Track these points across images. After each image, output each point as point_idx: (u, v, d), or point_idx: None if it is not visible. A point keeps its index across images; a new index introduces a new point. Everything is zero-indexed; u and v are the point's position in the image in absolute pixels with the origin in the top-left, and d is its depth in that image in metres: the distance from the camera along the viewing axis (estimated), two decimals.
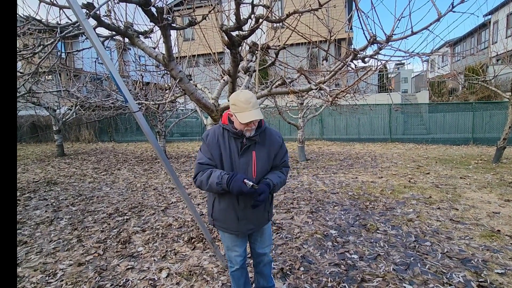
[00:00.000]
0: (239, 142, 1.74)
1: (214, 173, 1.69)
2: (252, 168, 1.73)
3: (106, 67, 2.04)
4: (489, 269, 2.56)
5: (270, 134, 1.81)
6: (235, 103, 1.65)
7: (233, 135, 1.73)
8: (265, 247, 2.01)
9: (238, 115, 1.63)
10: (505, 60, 7.34)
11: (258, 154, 1.75)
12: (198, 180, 1.75)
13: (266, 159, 1.78)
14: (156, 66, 4.67)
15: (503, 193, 4.69)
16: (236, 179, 1.62)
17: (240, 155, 1.73)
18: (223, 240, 1.96)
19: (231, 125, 1.74)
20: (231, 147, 1.74)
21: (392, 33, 2.24)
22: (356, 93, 6.84)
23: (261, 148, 1.76)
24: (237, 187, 1.60)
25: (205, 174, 1.72)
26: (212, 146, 1.74)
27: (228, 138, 1.75)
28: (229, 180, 1.62)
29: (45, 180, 6.67)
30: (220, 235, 1.98)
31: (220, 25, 2.30)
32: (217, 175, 1.66)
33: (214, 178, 1.66)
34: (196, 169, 1.79)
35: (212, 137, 1.76)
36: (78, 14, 1.87)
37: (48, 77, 10.26)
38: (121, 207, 4.58)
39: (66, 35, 2.41)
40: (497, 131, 10.34)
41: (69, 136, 15.43)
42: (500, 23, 17.37)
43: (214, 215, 1.88)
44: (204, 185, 1.72)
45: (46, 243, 3.38)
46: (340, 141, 12.75)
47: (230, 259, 1.96)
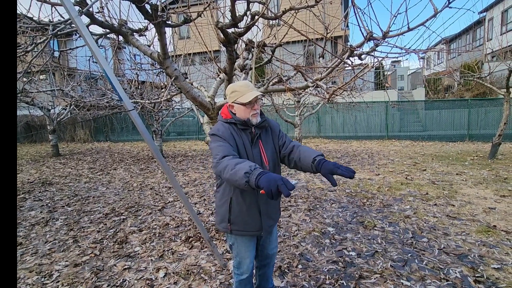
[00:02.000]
0: (248, 133, 1.71)
1: (245, 163, 1.40)
2: (264, 158, 1.72)
3: (99, 65, 2.01)
4: (486, 264, 2.57)
5: (269, 123, 1.82)
6: (235, 89, 1.65)
7: (241, 126, 1.68)
8: (274, 247, 1.97)
9: (242, 98, 1.63)
10: (500, 57, 7.37)
11: (265, 143, 1.75)
12: (224, 162, 1.45)
13: (272, 146, 1.78)
14: (152, 64, 4.63)
15: (499, 189, 4.72)
16: (269, 174, 1.35)
17: (253, 145, 1.70)
18: (237, 248, 1.81)
19: (236, 117, 1.69)
20: (243, 139, 1.69)
21: (388, 29, 2.23)
22: (353, 90, 6.85)
23: (265, 137, 1.77)
24: (272, 179, 1.29)
25: (234, 159, 1.46)
26: (228, 138, 1.62)
27: (235, 132, 1.68)
28: (262, 173, 1.33)
29: (40, 180, 6.60)
30: (235, 243, 1.81)
31: (215, 22, 2.28)
32: (250, 165, 1.37)
33: (244, 166, 1.37)
34: (220, 150, 1.53)
35: (224, 130, 1.65)
36: (70, 11, 1.83)
37: (42, 77, 10.14)
38: (117, 207, 4.54)
39: (58, 33, 2.37)
40: (492, 127, 10.43)
41: (64, 136, 15.30)
42: (495, 20, 17.49)
43: (232, 219, 1.72)
44: (229, 170, 1.41)
45: (42, 244, 3.34)
46: (337, 139, 12.78)
47: (241, 267, 1.83)
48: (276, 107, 7.19)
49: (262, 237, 1.90)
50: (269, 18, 2.38)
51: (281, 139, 1.81)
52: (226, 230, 1.78)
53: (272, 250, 1.97)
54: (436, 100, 13.69)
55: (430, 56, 19.53)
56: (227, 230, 1.77)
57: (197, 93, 2.65)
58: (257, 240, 1.93)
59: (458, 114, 11.39)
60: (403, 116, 12.63)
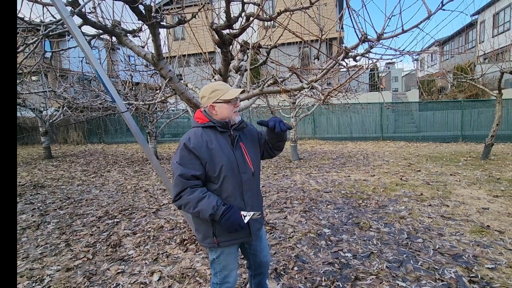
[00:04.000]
0: (227, 135, 1.63)
1: (208, 200, 1.48)
2: (247, 160, 1.65)
3: (92, 66, 1.98)
4: (480, 264, 2.59)
5: (246, 125, 1.77)
6: (216, 88, 1.60)
7: (220, 128, 1.61)
8: (267, 253, 1.90)
9: (226, 95, 1.59)
10: (492, 59, 7.48)
11: (246, 145, 1.69)
12: (184, 199, 1.49)
13: (254, 148, 1.74)
14: (146, 65, 4.59)
15: (492, 189, 4.77)
16: (233, 212, 1.49)
17: (234, 148, 1.63)
18: (224, 261, 1.69)
19: (214, 119, 1.62)
20: (222, 144, 1.59)
21: (383, 31, 2.24)
22: (348, 91, 6.88)
23: (245, 139, 1.72)
24: (234, 221, 1.48)
25: (194, 194, 1.48)
26: (200, 149, 1.53)
27: (214, 137, 1.59)
28: (225, 213, 1.47)
29: (31, 183, 6.49)
30: (221, 255, 1.68)
31: (210, 23, 2.26)
32: (212, 205, 1.46)
33: (207, 206, 1.46)
34: (178, 184, 1.49)
35: (196, 139, 1.55)
36: (61, 12, 1.80)
37: (34, 78, 9.99)
38: (111, 210, 4.48)
39: (50, 34, 2.33)
40: (485, 128, 10.57)
41: (57, 138, 15.10)
42: (486, 22, 17.77)
43: (217, 232, 1.59)
44: (191, 207, 1.49)
45: (33, 248, 3.27)
46: (333, 140, 12.83)
47: (227, 281, 1.71)
48: (271, 108, 7.19)
49: (252, 245, 1.81)
50: (264, 20, 2.37)
51: (260, 137, 1.81)
52: (212, 245, 1.63)
53: (265, 257, 1.88)
54: (429, 102, 13.84)
55: (423, 58, 19.77)
56: (214, 244, 1.62)
57: (192, 94, 2.63)
58: (248, 248, 1.84)
59: (452, 115, 11.52)
60: (398, 117, 12.73)
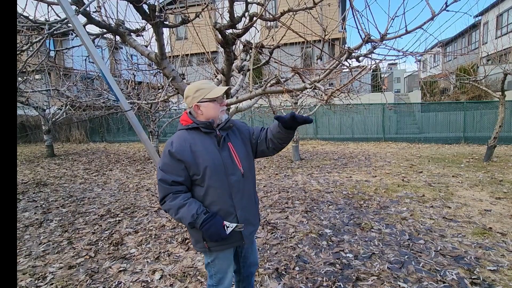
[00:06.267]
0: (213, 136, 1.57)
1: (188, 208, 1.46)
2: (236, 160, 1.58)
3: (96, 65, 1.99)
4: (482, 266, 2.58)
5: (234, 123, 1.70)
6: (200, 87, 1.54)
7: (205, 129, 1.55)
8: (256, 254, 1.87)
9: (211, 94, 1.53)
10: (495, 60, 7.45)
11: (235, 144, 1.62)
12: (166, 204, 1.50)
13: (244, 147, 1.66)
14: (149, 65, 4.60)
15: (494, 191, 4.76)
16: (214, 222, 1.45)
17: (220, 148, 1.56)
18: (218, 265, 1.65)
19: (198, 120, 1.57)
20: (207, 145, 1.53)
21: (386, 32, 2.24)
22: (350, 92, 6.87)
23: (234, 138, 1.64)
24: (214, 232, 1.45)
25: (175, 201, 1.47)
26: (183, 152, 1.48)
27: (198, 138, 1.54)
28: (205, 222, 1.44)
29: (34, 181, 6.53)
30: (216, 259, 1.65)
31: (213, 23, 2.27)
32: (192, 214, 1.44)
33: (187, 214, 1.45)
34: (160, 189, 1.51)
35: (179, 143, 1.50)
36: (66, 11, 1.82)
37: (37, 76, 10.04)
38: (113, 208, 4.50)
39: (54, 33, 2.35)
40: (487, 130, 10.52)
41: (59, 137, 15.16)
42: (490, 24, 17.69)
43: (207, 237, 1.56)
44: (173, 214, 1.49)
45: (35, 245, 3.30)
46: (334, 141, 12.81)
47: (221, 284, 1.67)
48: (273, 108, 7.19)
49: (244, 248, 1.77)
50: (267, 20, 2.37)
51: (252, 134, 1.71)
52: (204, 249, 1.60)
53: (255, 259, 1.85)
54: (432, 103, 13.79)
55: (426, 58, 19.71)
56: (205, 249, 1.59)
57: None
58: (238, 252, 1.80)
59: (454, 117, 11.47)
60: (400, 118, 12.69)
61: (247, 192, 1.64)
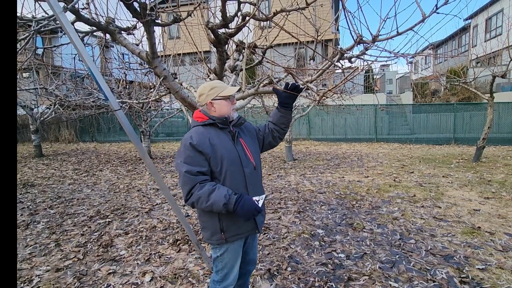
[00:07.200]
0: (227, 131, 1.68)
1: (218, 191, 1.49)
2: (249, 154, 1.69)
3: (85, 63, 1.94)
4: (471, 265, 2.62)
5: (244, 121, 1.84)
6: (214, 85, 1.65)
7: (221, 125, 1.64)
8: (256, 251, 1.92)
9: (225, 92, 1.64)
10: (484, 62, 7.60)
11: (246, 140, 1.74)
12: (195, 195, 1.50)
13: (253, 143, 1.79)
14: (140, 64, 4.54)
15: (483, 191, 4.84)
16: (247, 198, 1.51)
17: (235, 143, 1.67)
18: (227, 258, 1.69)
19: (213, 116, 1.66)
20: (223, 139, 1.63)
21: (378, 33, 2.24)
22: (343, 93, 6.91)
23: (244, 135, 1.77)
24: (249, 206, 1.49)
25: (204, 189, 1.49)
26: (203, 144, 1.55)
27: (215, 133, 1.63)
28: (239, 200, 1.48)
29: (21, 182, 6.37)
30: (226, 252, 1.68)
31: (206, 22, 2.24)
32: (224, 194, 1.47)
33: (219, 197, 1.47)
34: (187, 182, 1.51)
35: (198, 137, 1.57)
36: (54, 7, 1.77)
37: (25, 75, 9.82)
38: (102, 210, 4.42)
39: (42, 30, 2.29)
40: (477, 131, 10.73)
41: (48, 136, 14.86)
42: (479, 27, 18.07)
43: (225, 227, 1.61)
44: (203, 202, 1.49)
45: (22, 248, 3.21)
46: (327, 141, 12.88)
47: (227, 279, 1.70)
48: (266, 108, 7.18)
49: (248, 242, 1.84)
50: (260, 20, 2.36)
51: (259, 131, 1.87)
52: (220, 241, 1.63)
53: (255, 255, 1.91)
54: (423, 104, 14.00)
55: (417, 60, 20.01)
56: (221, 241, 1.63)
57: (186, 93, 2.60)
58: (243, 246, 1.82)
59: (444, 118, 11.66)
60: (392, 119, 12.85)
61: (258, 184, 1.75)
